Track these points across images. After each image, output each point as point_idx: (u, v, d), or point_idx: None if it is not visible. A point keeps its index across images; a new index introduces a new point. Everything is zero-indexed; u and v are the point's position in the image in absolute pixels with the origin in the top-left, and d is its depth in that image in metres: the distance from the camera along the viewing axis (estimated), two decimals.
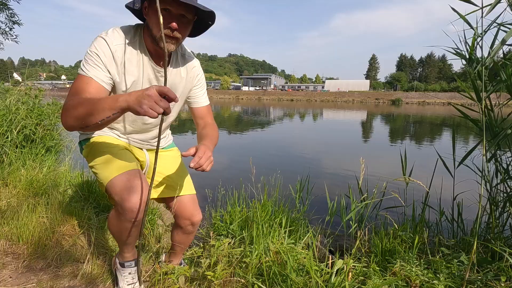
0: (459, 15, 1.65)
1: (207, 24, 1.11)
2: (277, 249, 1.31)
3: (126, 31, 1.08)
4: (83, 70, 1.01)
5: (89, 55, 1.02)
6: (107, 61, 1.03)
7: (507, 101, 1.73)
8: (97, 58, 1.01)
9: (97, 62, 1.01)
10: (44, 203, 1.95)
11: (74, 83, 1.01)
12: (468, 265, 1.19)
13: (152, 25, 1.01)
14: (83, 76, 1.00)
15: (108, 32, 1.05)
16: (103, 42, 1.03)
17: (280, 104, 47.34)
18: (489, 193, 1.74)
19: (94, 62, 1.01)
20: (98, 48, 1.02)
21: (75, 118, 0.92)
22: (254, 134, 11.89)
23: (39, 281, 1.34)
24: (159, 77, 1.15)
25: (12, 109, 2.95)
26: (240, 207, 2.05)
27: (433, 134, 13.34)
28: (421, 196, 1.90)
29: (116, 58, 1.04)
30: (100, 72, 1.02)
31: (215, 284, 1.22)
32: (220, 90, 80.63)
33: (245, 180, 2.33)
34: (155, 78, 1.15)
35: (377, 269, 1.29)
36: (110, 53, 1.03)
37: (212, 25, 1.11)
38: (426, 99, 54.89)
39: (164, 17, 0.96)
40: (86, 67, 1.01)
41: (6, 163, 2.60)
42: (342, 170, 5.76)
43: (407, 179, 1.84)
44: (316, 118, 22.60)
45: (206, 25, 1.12)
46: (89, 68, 1.01)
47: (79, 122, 0.92)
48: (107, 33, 1.05)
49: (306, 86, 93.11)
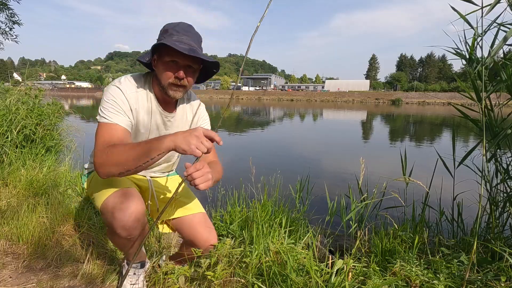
0: (459, 15, 1.65)
1: (212, 71, 1.22)
2: (277, 249, 1.31)
3: (137, 79, 1.16)
4: (105, 118, 1.05)
5: (107, 103, 1.07)
6: (125, 108, 1.09)
7: (507, 101, 1.73)
8: (116, 105, 1.07)
9: (118, 108, 1.07)
10: (44, 203, 1.95)
11: (100, 132, 1.03)
12: (468, 265, 1.19)
13: (160, 75, 1.09)
14: (107, 123, 1.04)
15: (121, 81, 1.12)
16: (118, 91, 1.09)
17: (280, 104, 47.34)
18: (489, 193, 1.74)
19: (114, 109, 1.06)
20: (115, 96, 1.08)
21: (117, 164, 0.95)
22: (254, 134, 11.90)
23: (39, 281, 1.34)
24: (166, 122, 1.23)
25: (12, 109, 2.95)
26: (240, 207, 2.05)
27: (433, 134, 13.34)
28: (421, 196, 1.90)
29: (131, 105, 1.10)
30: (122, 118, 1.07)
31: (215, 284, 1.22)
32: (220, 90, 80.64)
33: (245, 180, 2.33)
34: (163, 123, 1.22)
35: (377, 269, 1.29)
36: (126, 101, 1.09)
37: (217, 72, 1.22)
38: (426, 99, 54.90)
39: (172, 68, 1.06)
40: (108, 114, 1.05)
41: (6, 163, 2.60)
42: (342, 170, 5.76)
43: (407, 179, 1.84)
44: (316, 118, 22.59)
45: (212, 72, 1.23)
46: (111, 116, 1.05)
47: (121, 168, 0.95)
48: (121, 82, 1.11)
49: (306, 86, 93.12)
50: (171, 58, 1.05)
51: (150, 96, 1.17)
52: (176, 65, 1.06)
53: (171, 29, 1.07)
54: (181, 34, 1.06)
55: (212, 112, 25.70)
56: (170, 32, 1.06)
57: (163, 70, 1.08)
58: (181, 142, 0.88)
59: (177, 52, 1.02)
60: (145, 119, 1.17)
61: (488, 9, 1.56)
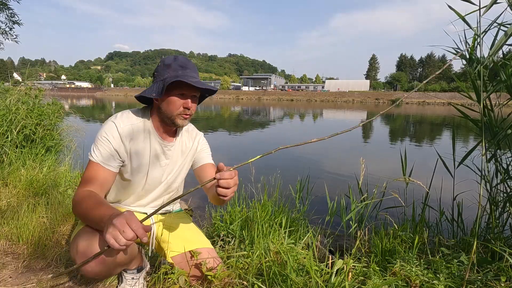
0: (457, 14, 1.65)
1: (205, 96, 1.30)
2: (277, 249, 1.31)
3: (134, 112, 1.20)
4: (92, 156, 1.10)
5: (99, 140, 1.10)
6: (116, 143, 1.11)
7: (507, 101, 1.73)
8: (106, 142, 1.10)
9: (106, 146, 1.10)
10: (44, 203, 1.95)
11: (86, 170, 1.10)
12: (468, 265, 1.19)
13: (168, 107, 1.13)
14: (93, 162, 1.10)
15: (117, 116, 1.16)
16: (112, 126, 1.12)
17: (280, 104, 47.34)
18: (489, 193, 1.74)
19: (103, 147, 1.10)
20: (107, 133, 1.11)
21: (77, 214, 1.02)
22: (254, 134, 11.90)
23: (39, 281, 1.34)
24: (165, 150, 1.26)
25: (12, 109, 2.95)
26: (240, 207, 2.05)
27: (433, 134, 13.34)
28: (421, 196, 1.90)
29: (123, 138, 1.13)
30: (108, 157, 1.10)
31: (215, 284, 1.22)
32: (220, 90, 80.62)
33: (245, 180, 2.33)
34: (162, 151, 1.25)
35: (377, 269, 1.29)
36: (118, 135, 1.12)
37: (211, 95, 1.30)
38: (426, 99, 54.90)
39: (180, 100, 1.13)
40: (96, 153, 1.10)
41: (6, 163, 2.60)
42: (342, 170, 5.76)
43: (407, 179, 1.84)
44: (316, 118, 22.60)
45: (205, 97, 1.31)
46: (98, 154, 1.10)
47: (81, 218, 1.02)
48: (116, 117, 1.15)
49: (306, 86, 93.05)
50: (180, 91, 1.11)
51: (148, 127, 1.20)
52: (183, 96, 1.13)
53: (173, 63, 1.13)
54: (185, 69, 1.13)
55: (212, 112, 25.71)
56: (174, 67, 1.12)
57: (172, 102, 1.12)
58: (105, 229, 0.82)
59: (187, 85, 1.10)
60: (141, 149, 1.19)
61: (485, 10, 1.56)
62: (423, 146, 9.34)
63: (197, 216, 2.67)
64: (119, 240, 0.80)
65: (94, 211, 0.94)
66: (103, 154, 1.10)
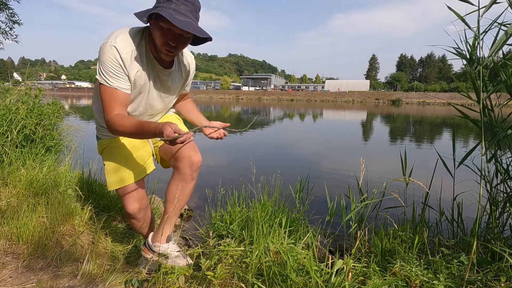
0: (456, 15, 1.65)
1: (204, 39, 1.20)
2: (277, 249, 1.31)
3: (133, 35, 1.18)
4: (106, 82, 1.14)
5: (106, 65, 1.12)
6: (121, 70, 1.15)
7: (507, 101, 1.72)
8: (115, 67, 1.13)
9: (116, 72, 1.14)
10: (44, 203, 1.95)
11: (104, 95, 1.16)
12: (468, 265, 1.19)
13: (155, 37, 1.13)
14: (109, 87, 1.15)
15: (117, 40, 1.13)
16: (115, 52, 1.12)
17: (280, 104, 47.34)
18: (489, 193, 1.74)
19: (113, 73, 1.14)
20: (112, 58, 1.12)
21: (122, 133, 1.17)
22: (254, 134, 11.89)
23: (39, 281, 1.34)
24: (162, 76, 1.29)
25: (12, 109, 2.95)
26: (240, 207, 2.05)
27: (433, 134, 13.34)
28: (421, 196, 1.90)
29: (127, 65, 1.15)
30: (121, 81, 1.16)
31: (215, 284, 1.22)
32: (220, 90, 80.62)
33: (245, 180, 2.33)
34: (158, 77, 1.29)
35: (377, 269, 1.29)
36: (122, 63, 1.14)
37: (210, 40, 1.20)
38: (426, 99, 54.89)
39: (165, 34, 1.10)
40: (108, 78, 1.14)
41: (6, 163, 2.59)
42: (342, 170, 5.76)
43: (407, 179, 1.84)
44: (316, 118, 22.60)
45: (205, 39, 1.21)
46: (112, 80, 1.14)
47: (126, 135, 1.20)
48: (116, 41, 1.12)
49: (306, 86, 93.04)
50: (166, 25, 1.08)
51: (146, 52, 1.21)
52: (170, 32, 1.10)
53: None
54: (180, 3, 1.08)
55: (213, 112, 25.70)
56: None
57: (158, 35, 1.11)
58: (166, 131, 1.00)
59: None
60: (142, 74, 1.21)
61: (484, 10, 1.56)
62: (423, 146, 9.34)
63: (197, 216, 2.67)
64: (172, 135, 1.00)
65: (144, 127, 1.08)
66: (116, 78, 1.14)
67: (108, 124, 1.16)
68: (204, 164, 1.45)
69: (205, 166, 5.23)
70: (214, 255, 1.39)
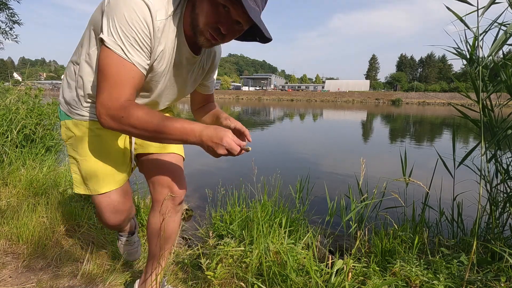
0: (455, 15, 1.65)
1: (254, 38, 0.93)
2: (277, 249, 1.31)
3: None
4: (123, 52, 0.78)
5: (128, 27, 0.77)
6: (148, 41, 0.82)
7: (507, 101, 1.73)
8: (142, 35, 0.80)
9: (141, 41, 0.80)
10: (44, 203, 1.95)
11: (112, 70, 0.79)
12: (468, 266, 1.19)
13: (201, 13, 0.82)
14: (124, 61, 0.79)
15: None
16: (146, 12, 0.78)
17: (280, 104, 47.35)
18: (489, 193, 1.74)
19: (137, 42, 0.79)
20: (142, 20, 0.78)
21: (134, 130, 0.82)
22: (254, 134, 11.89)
23: (39, 281, 1.34)
24: (185, 64, 0.98)
25: (12, 109, 2.95)
26: (240, 207, 2.05)
27: (433, 134, 13.34)
28: (421, 196, 1.90)
29: (157, 37, 0.84)
30: (143, 57, 0.82)
31: (215, 284, 1.22)
32: (220, 90, 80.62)
33: (245, 180, 2.33)
34: (181, 64, 0.97)
35: (377, 269, 1.29)
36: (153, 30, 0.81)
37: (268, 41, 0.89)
38: (426, 99, 54.92)
39: (218, 14, 0.80)
40: (127, 47, 0.78)
41: (6, 163, 2.60)
42: (342, 170, 5.76)
43: (407, 180, 1.84)
44: (316, 118, 22.60)
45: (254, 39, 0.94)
46: (133, 52, 0.79)
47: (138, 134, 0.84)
48: None
49: (306, 86, 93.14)
50: (225, 2, 0.78)
51: (179, 27, 0.89)
52: (226, 13, 0.80)
53: None
54: None
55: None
56: None
57: (207, 11, 0.81)
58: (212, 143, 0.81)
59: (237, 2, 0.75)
60: (167, 52, 0.90)
61: (483, 10, 1.56)
62: (423, 146, 9.34)
63: (197, 216, 2.67)
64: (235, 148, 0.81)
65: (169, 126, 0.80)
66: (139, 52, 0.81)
67: (111, 112, 0.79)
68: (204, 164, 1.45)
69: (205, 166, 5.23)
70: (214, 255, 1.39)
